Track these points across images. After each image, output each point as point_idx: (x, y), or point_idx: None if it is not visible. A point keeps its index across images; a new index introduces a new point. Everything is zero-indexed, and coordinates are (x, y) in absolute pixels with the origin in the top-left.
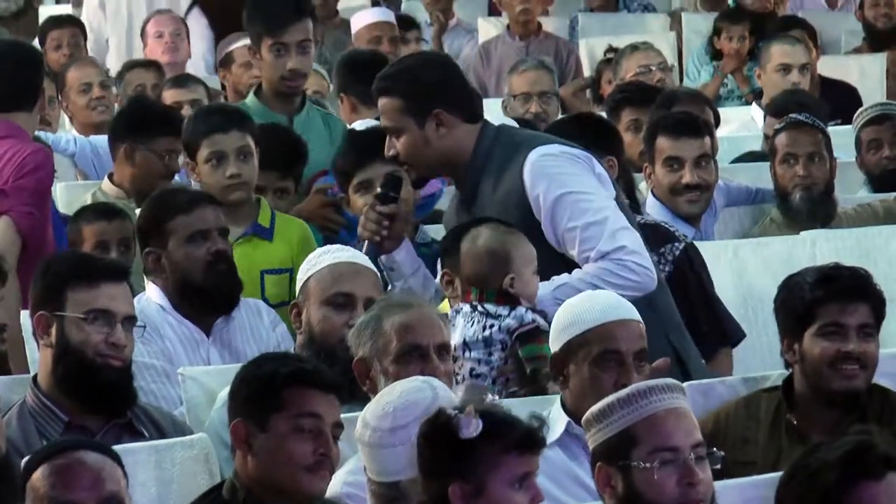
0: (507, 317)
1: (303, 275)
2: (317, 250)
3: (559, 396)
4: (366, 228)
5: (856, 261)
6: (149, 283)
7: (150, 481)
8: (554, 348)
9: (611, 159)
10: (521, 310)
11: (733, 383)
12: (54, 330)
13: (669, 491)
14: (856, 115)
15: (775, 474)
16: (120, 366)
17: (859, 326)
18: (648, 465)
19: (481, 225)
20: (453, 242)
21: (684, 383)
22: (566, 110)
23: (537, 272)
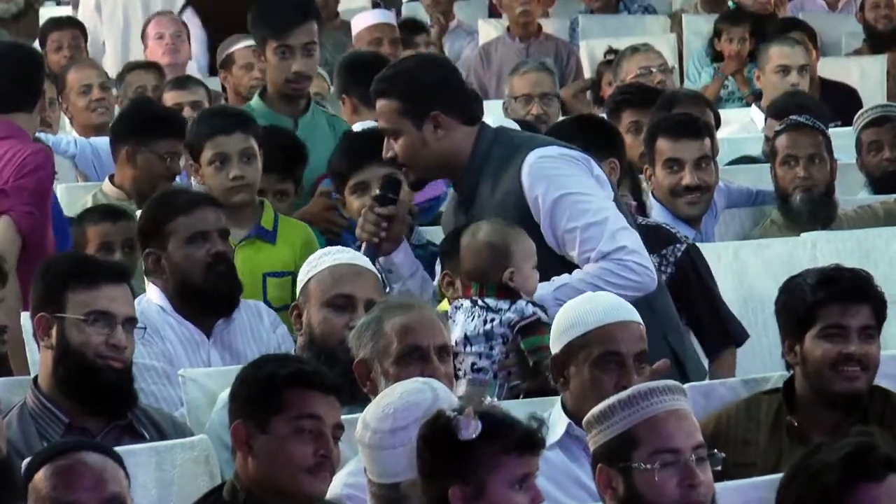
0: (508, 310)
1: (303, 276)
2: (317, 252)
3: (560, 398)
4: (364, 230)
5: (856, 262)
6: (149, 284)
7: (150, 483)
8: (554, 350)
9: (613, 161)
10: (521, 303)
11: (734, 385)
12: (55, 331)
13: (670, 492)
14: (856, 117)
15: (776, 476)
16: (120, 367)
17: (861, 328)
18: (649, 466)
19: (481, 221)
20: (453, 244)
21: (685, 385)
22: (566, 112)
23: (537, 269)
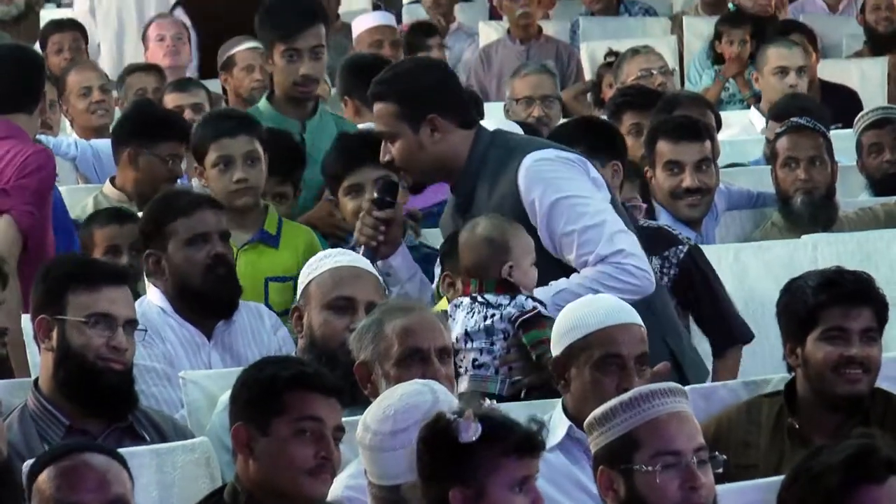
0: (508, 306)
1: (304, 279)
2: (318, 254)
3: (560, 400)
4: (362, 234)
5: (857, 265)
6: (149, 285)
7: (151, 485)
8: (555, 352)
9: (616, 164)
10: (520, 298)
11: (735, 387)
12: (55, 334)
13: (671, 494)
14: (856, 119)
15: (777, 478)
16: (121, 369)
17: (862, 331)
18: (651, 468)
19: (479, 217)
20: (452, 245)
21: (686, 387)
22: (567, 114)
23: (535, 266)
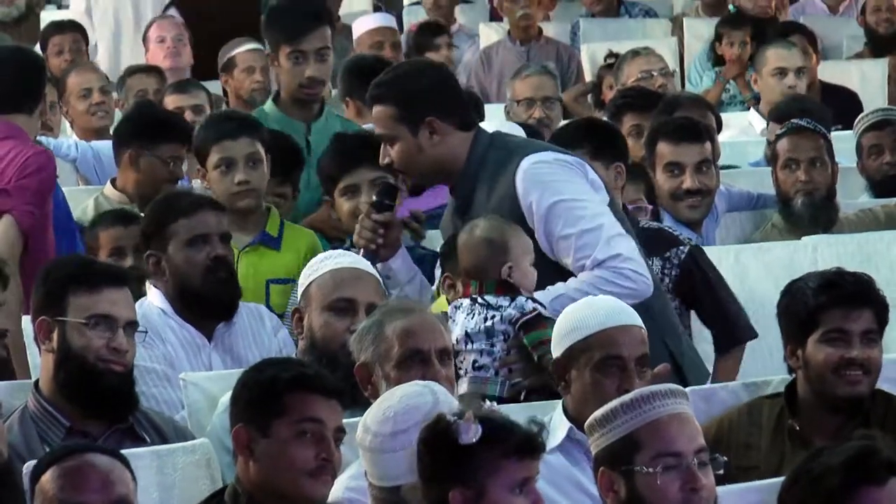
0: (508, 307)
1: (304, 280)
2: (318, 256)
3: (560, 402)
4: (361, 237)
5: (857, 266)
6: (150, 286)
7: (151, 486)
8: (556, 354)
9: (619, 165)
10: (521, 299)
11: (735, 388)
12: (56, 335)
13: (672, 496)
14: (857, 121)
15: (777, 479)
16: (122, 371)
17: (863, 332)
18: (651, 470)
19: (478, 219)
20: (452, 247)
21: (686, 389)
22: (567, 116)
23: (534, 265)
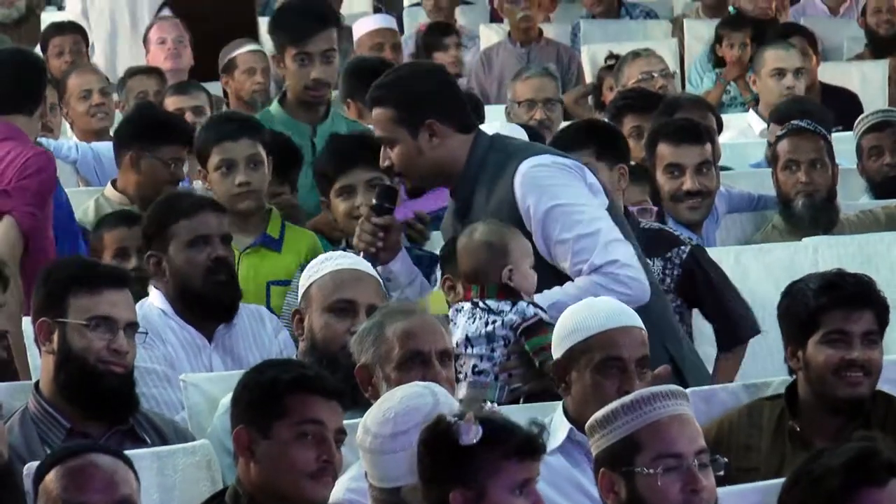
0: (510, 312)
1: (305, 282)
2: (319, 257)
3: (561, 403)
4: (361, 240)
5: (858, 267)
6: (151, 287)
7: (152, 488)
8: (556, 355)
9: (622, 167)
10: (522, 304)
11: (735, 390)
12: (56, 337)
13: (673, 497)
14: (857, 122)
15: (778, 481)
16: (122, 372)
17: (863, 334)
18: (652, 471)
19: (477, 223)
20: (452, 249)
21: (686, 390)
22: (567, 117)
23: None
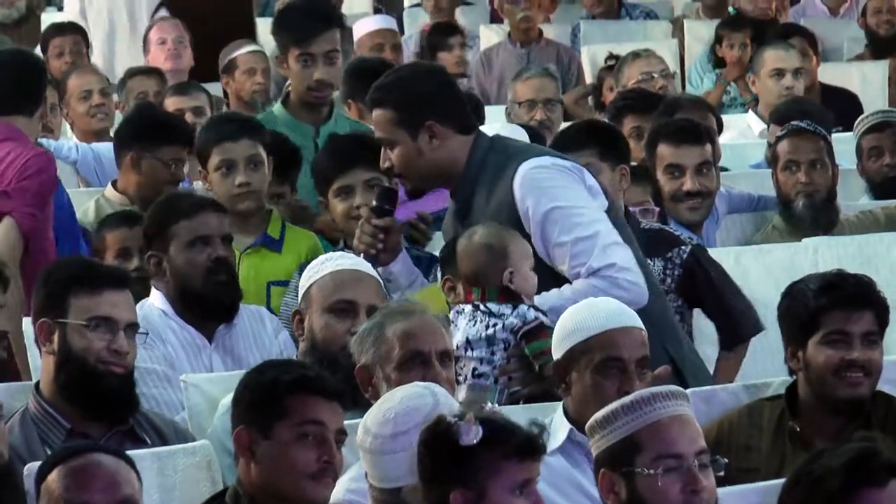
0: (510, 315)
1: (305, 282)
2: (319, 258)
3: (561, 404)
4: (361, 242)
5: (858, 268)
6: (151, 287)
7: (152, 488)
8: (556, 355)
9: (624, 168)
10: (523, 308)
11: (735, 390)
12: (56, 337)
13: (673, 498)
14: (856, 123)
15: (778, 481)
16: (122, 373)
17: (864, 334)
18: (652, 471)
19: (476, 226)
20: (451, 250)
21: (686, 390)
22: (567, 118)
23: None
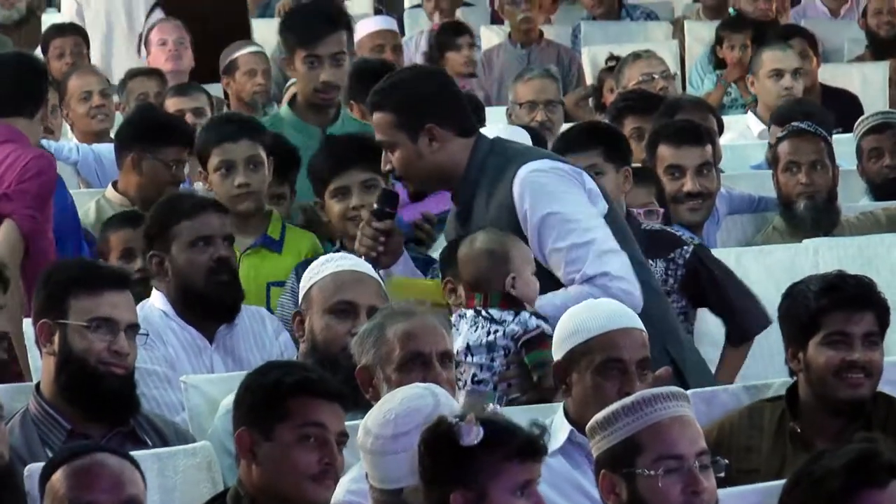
0: (512, 322)
1: (305, 283)
2: (319, 258)
3: (562, 405)
4: (362, 245)
5: (858, 269)
6: (152, 288)
7: (152, 489)
8: (556, 356)
9: (627, 169)
10: (524, 315)
11: (736, 391)
12: (57, 338)
13: (674, 499)
14: (856, 124)
15: (779, 482)
16: (123, 374)
17: (864, 335)
18: (653, 472)
19: (477, 232)
20: (452, 254)
21: (687, 391)
22: (568, 119)
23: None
